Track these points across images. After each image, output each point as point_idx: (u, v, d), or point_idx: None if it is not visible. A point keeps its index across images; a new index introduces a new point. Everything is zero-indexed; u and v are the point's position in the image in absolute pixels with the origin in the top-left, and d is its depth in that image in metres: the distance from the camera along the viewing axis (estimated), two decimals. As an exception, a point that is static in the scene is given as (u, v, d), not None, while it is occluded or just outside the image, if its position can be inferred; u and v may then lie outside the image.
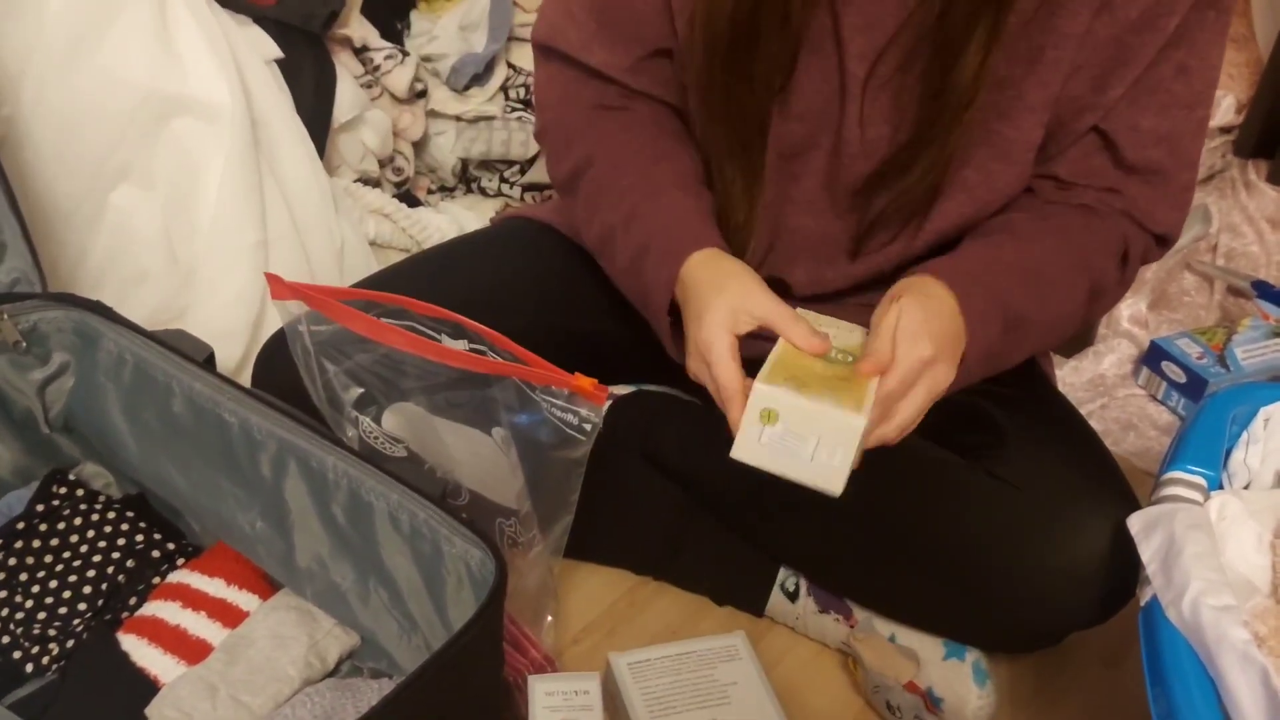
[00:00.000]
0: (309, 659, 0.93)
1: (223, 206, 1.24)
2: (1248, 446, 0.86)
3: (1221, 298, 1.71)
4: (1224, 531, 0.79)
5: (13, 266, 1.02)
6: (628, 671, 0.97)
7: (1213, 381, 1.46)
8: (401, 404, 0.96)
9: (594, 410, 0.87)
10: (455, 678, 0.76)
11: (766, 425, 0.76)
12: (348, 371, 0.95)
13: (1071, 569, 0.92)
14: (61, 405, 1.06)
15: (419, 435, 0.97)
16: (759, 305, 0.83)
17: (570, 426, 0.88)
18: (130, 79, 1.19)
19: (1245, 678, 0.65)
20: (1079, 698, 1.07)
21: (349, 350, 0.94)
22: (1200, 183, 1.96)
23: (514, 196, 1.63)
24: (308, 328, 0.94)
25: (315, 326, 0.93)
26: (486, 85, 1.58)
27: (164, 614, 0.98)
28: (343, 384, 0.95)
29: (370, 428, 0.97)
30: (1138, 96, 0.89)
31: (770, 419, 0.76)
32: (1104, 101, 0.89)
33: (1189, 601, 0.70)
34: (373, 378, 0.95)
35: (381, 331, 0.90)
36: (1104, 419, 1.49)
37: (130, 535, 1.05)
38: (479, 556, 0.82)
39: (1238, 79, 1.93)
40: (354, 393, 0.96)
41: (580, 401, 0.87)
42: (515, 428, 0.90)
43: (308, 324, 0.94)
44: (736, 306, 0.83)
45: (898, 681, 0.99)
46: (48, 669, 0.96)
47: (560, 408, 0.88)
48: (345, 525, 0.90)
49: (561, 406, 0.88)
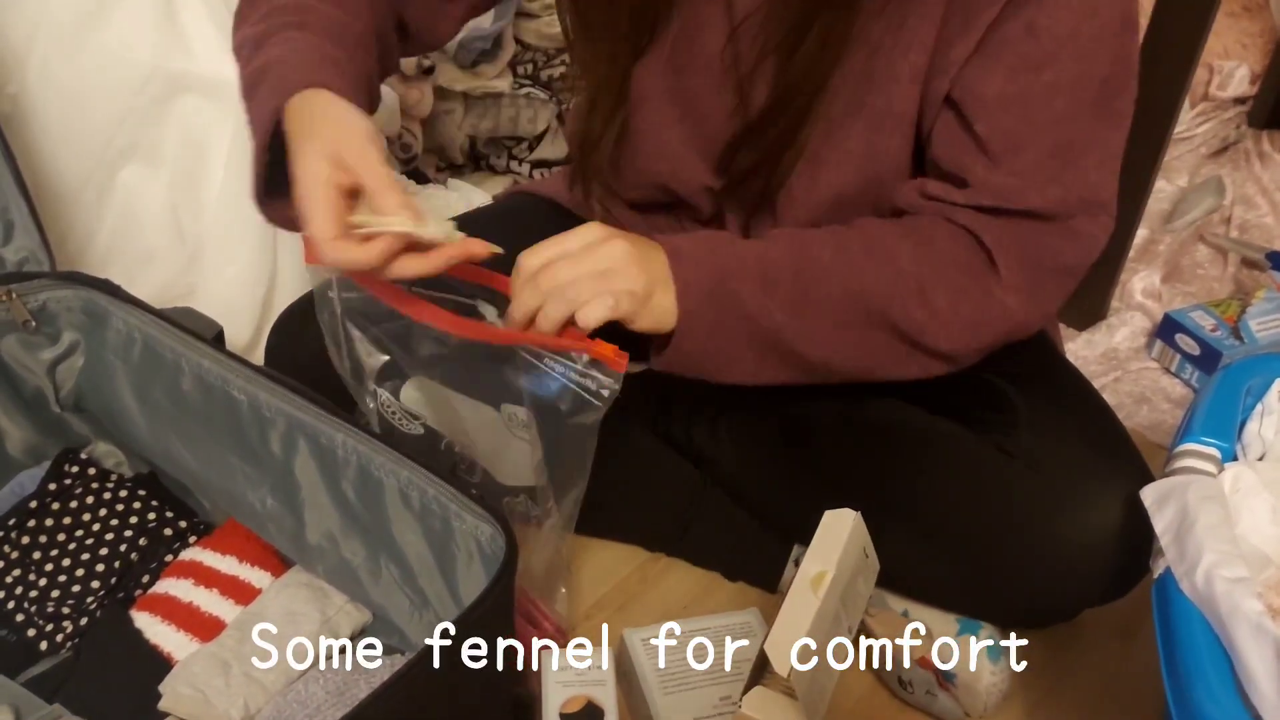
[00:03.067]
0: (321, 635, 0.93)
1: (230, 184, 1.24)
2: (1262, 418, 0.85)
3: (1235, 270, 1.70)
4: (1238, 503, 0.79)
5: (21, 246, 1.02)
6: (641, 647, 0.97)
7: (1227, 354, 1.45)
8: (421, 379, 0.96)
9: (614, 376, 0.86)
10: (466, 653, 0.76)
11: None
12: (373, 339, 0.95)
13: (1086, 545, 0.91)
14: (72, 384, 1.07)
15: (437, 410, 0.97)
16: (354, 154, 0.77)
17: (588, 392, 0.87)
18: (136, 56, 1.18)
19: (1259, 649, 0.65)
20: (1092, 671, 1.07)
21: (377, 317, 0.94)
22: (1214, 154, 1.94)
23: (523, 174, 1.63)
24: (338, 293, 0.93)
25: (346, 293, 0.93)
26: (495, 62, 1.57)
27: (176, 591, 0.98)
28: (367, 350, 0.95)
29: (389, 401, 0.97)
30: (984, 60, 0.84)
31: None
32: (949, 61, 0.85)
33: (1202, 573, 0.70)
34: (397, 346, 0.94)
35: (410, 303, 0.89)
36: (1117, 392, 1.48)
37: (142, 513, 1.06)
38: (489, 532, 0.82)
39: (1251, 49, 1.92)
40: (378, 360, 0.95)
41: (600, 367, 0.86)
42: (535, 396, 0.89)
43: (338, 289, 0.93)
44: (333, 150, 0.77)
45: (910, 657, 0.99)
46: (62, 647, 0.96)
47: (579, 373, 0.87)
48: (355, 502, 0.90)
49: (580, 372, 0.87)
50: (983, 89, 0.85)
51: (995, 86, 0.84)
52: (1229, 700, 0.65)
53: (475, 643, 0.75)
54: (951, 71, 0.85)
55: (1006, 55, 0.83)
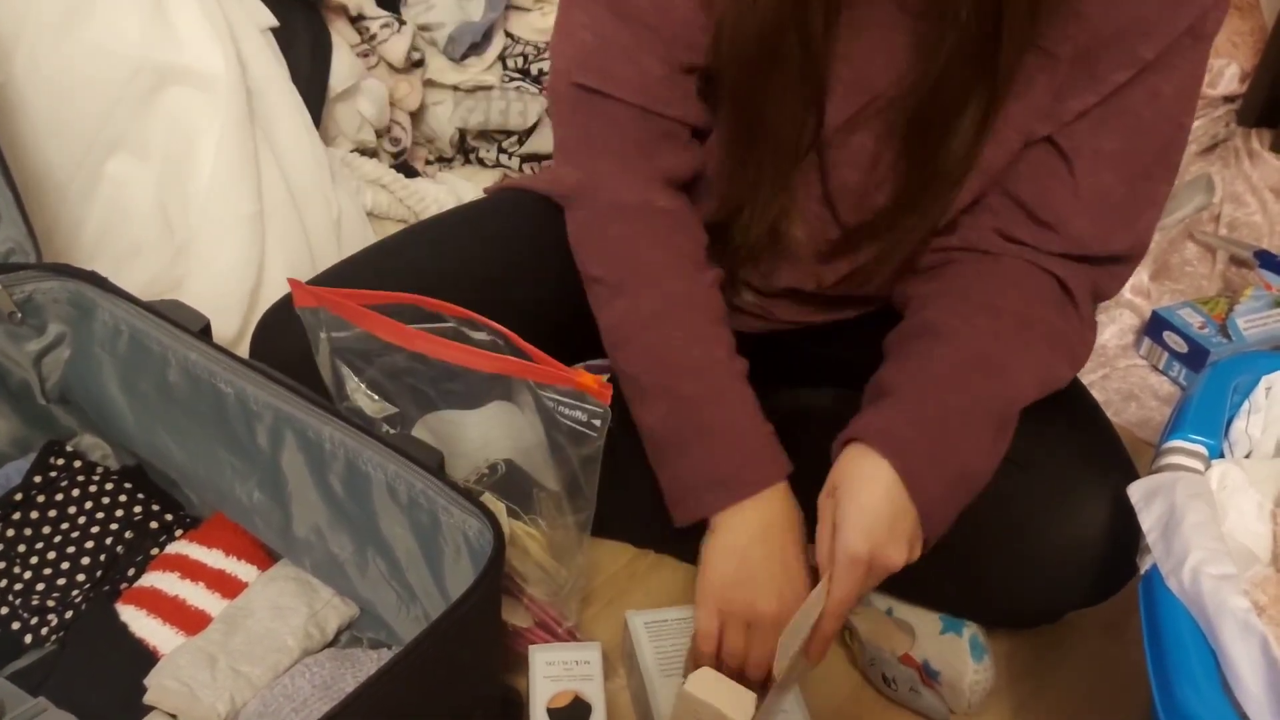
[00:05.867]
0: (308, 629, 0.93)
1: (218, 177, 1.23)
2: (1249, 415, 0.86)
3: (1224, 267, 1.70)
4: (1225, 500, 0.79)
5: (7, 236, 1.02)
6: (643, 629, 0.98)
7: (1214, 351, 1.46)
8: (426, 416, 0.96)
9: (600, 407, 0.87)
10: (454, 647, 0.75)
11: None
12: (370, 382, 0.96)
13: (1073, 547, 0.92)
14: (58, 376, 1.06)
15: (449, 440, 0.97)
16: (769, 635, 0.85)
17: (579, 424, 0.88)
18: (123, 48, 1.17)
19: (1245, 646, 0.65)
20: (1078, 668, 1.07)
21: (371, 357, 0.94)
22: (1203, 152, 1.94)
23: (512, 167, 1.62)
24: (328, 334, 0.94)
25: (336, 333, 0.93)
26: (484, 54, 1.56)
27: (163, 585, 0.98)
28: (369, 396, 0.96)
29: None
30: (1105, 117, 0.86)
31: None
32: (1063, 110, 0.85)
33: (1189, 570, 0.70)
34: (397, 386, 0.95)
35: (404, 335, 0.90)
36: (1105, 389, 1.49)
37: (128, 506, 1.05)
38: (477, 526, 0.82)
39: (1241, 47, 1.92)
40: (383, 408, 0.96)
41: (586, 399, 0.87)
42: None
43: (327, 330, 0.94)
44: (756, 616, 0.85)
45: (893, 654, 0.99)
46: (47, 640, 0.96)
47: (568, 405, 0.88)
48: (343, 496, 0.90)
49: (569, 404, 0.88)
50: (1098, 145, 0.86)
51: (1112, 144, 0.86)
52: (1214, 697, 0.65)
53: (462, 637, 0.75)
54: (1063, 119, 0.86)
55: (1128, 117, 0.85)
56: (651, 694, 0.93)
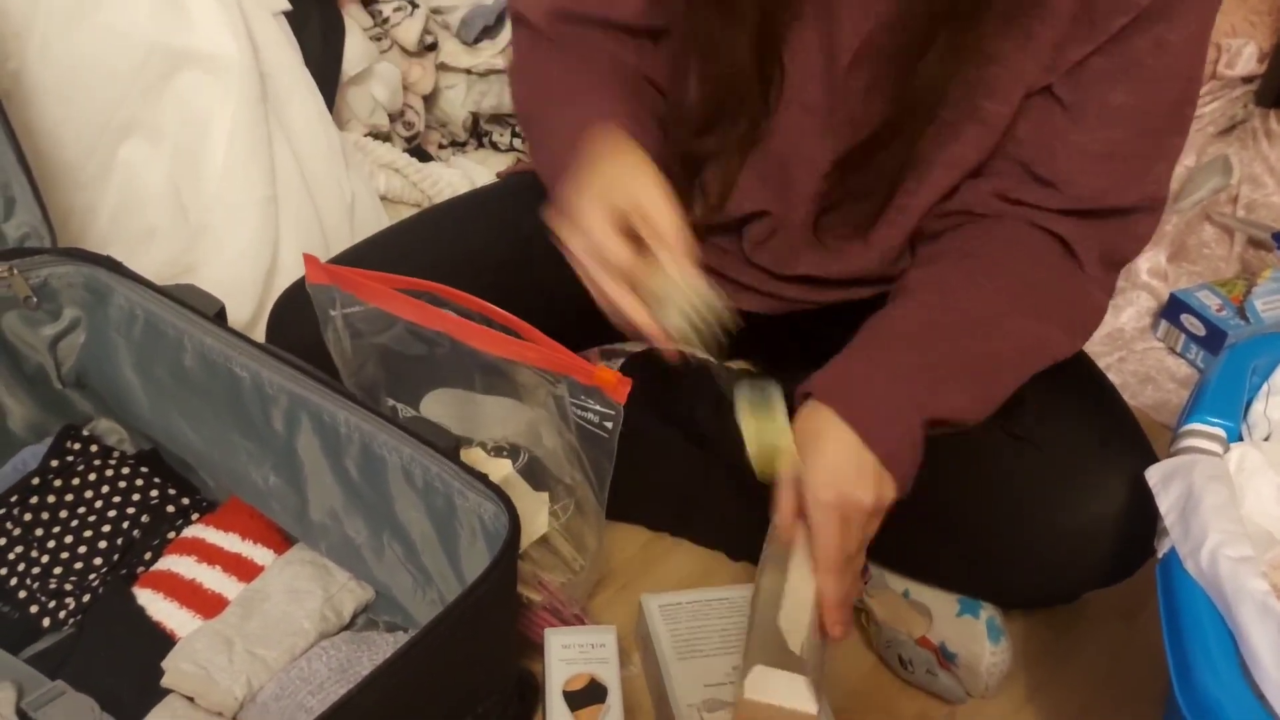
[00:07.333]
0: (324, 613, 0.93)
1: (231, 161, 1.23)
2: (1268, 398, 0.85)
3: (1241, 249, 1.69)
4: (1243, 483, 0.79)
5: (22, 221, 1.02)
6: (658, 612, 0.98)
7: (1232, 334, 1.45)
8: (438, 391, 0.96)
9: (613, 408, 0.86)
10: (469, 630, 0.76)
11: None
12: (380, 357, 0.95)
13: (1089, 526, 0.91)
14: (73, 361, 1.06)
15: (461, 417, 0.97)
16: (641, 188, 0.80)
17: (591, 424, 0.87)
18: (135, 32, 1.17)
19: (1263, 629, 0.65)
20: (1095, 651, 1.07)
21: (381, 333, 0.94)
22: (1221, 133, 1.93)
23: (525, 151, 1.62)
24: (340, 310, 0.93)
25: (348, 309, 0.93)
26: (497, 38, 1.56)
27: (179, 568, 0.98)
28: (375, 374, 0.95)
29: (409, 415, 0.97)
30: (1110, 69, 0.84)
31: None
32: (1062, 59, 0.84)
33: (1207, 553, 0.70)
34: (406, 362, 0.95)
35: (416, 310, 0.89)
36: (1122, 372, 1.48)
37: (144, 490, 1.06)
38: (492, 509, 0.82)
39: (1259, 27, 1.90)
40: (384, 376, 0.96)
41: (599, 398, 0.86)
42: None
43: (340, 305, 0.93)
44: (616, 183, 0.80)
45: (910, 637, 0.99)
46: (64, 623, 0.96)
47: (579, 404, 0.87)
48: (358, 479, 0.90)
49: (580, 404, 0.87)
50: (1105, 98, 0.85)
51: (1120, 98, 0.84)
52: (1233, 680, 0.65)
53: (478, 620, 0.75)
54: (1061, 69, 0.85)
55: (1135, 69, 0.84)
56: (667, 677, 0.93)
